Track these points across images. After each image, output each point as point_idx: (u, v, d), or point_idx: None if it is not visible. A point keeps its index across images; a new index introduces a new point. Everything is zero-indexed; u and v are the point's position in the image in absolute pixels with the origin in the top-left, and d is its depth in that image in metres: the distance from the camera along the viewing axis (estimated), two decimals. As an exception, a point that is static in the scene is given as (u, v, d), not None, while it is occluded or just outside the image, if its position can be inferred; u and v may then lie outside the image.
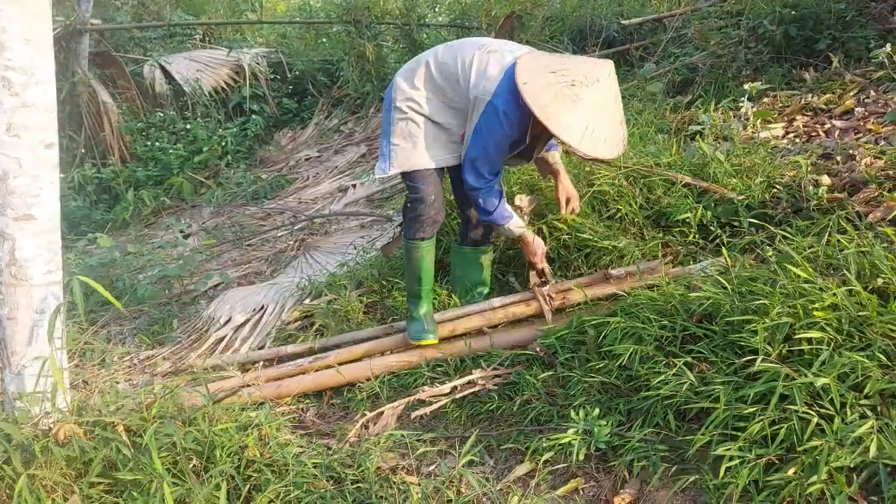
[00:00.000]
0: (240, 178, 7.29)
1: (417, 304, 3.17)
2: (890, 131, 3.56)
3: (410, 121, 3.01)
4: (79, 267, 4.75)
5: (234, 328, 3.91)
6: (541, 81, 2.70)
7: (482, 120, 2.84)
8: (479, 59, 2.89)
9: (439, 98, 3.01)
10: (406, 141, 3.02)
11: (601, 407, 2.46)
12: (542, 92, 2.67)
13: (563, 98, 2.66)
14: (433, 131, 3.03)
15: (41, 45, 2.40)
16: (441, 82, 2.98)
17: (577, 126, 2.66)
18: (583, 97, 2.67)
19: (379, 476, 2.41)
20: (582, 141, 2.68)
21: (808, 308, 2.17)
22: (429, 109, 3.01)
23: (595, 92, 2.70)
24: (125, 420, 2.36)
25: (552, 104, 2.65)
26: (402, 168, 3.04)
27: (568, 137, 2.66)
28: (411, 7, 7.82)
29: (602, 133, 2.72)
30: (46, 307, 2.48)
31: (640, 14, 6.44)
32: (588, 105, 2.68)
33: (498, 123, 2.81)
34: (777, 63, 4.79)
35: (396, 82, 3.08)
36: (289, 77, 8.84)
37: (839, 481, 1.84)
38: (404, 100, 3.02)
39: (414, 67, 3.06)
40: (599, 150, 2.73)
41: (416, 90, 3.01)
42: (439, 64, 2.99)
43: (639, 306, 2.66)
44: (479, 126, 2.85)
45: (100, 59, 8.09)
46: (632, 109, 4.76)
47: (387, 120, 3.12)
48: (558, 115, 2.65)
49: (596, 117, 2.71)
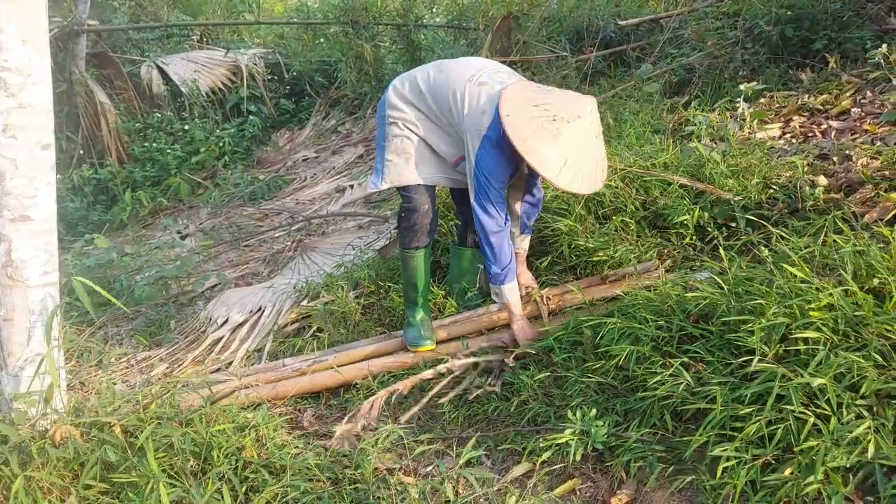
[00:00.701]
0: (237, 178, 7.28)
1: (414, 310, 3.19)
2: (886, 132, 3.56)
3: (406, 138, 3.04)
4: (76, 268, 4.74)
5: (232, 329, 3.91)
6: (524, 114, 2.72)
7: (479, 155, 2.85)
8: (471, 93, 2.89)
9: (433, 120, 3.03)
10: (399, 157, 3.05)
11: (598, 407, 2.46)
12: (523, 125, 2.69)
13: (544, 132, 2.69)
14: (426, 152, 3.07)
15: (38, 45, 2.40)
16: (434, 107, 3.00)
17: (555, 160, 2.68)
18: (563, 132, 2.70)
19: (376, 477, 2.41)
20: (559, 175, 2.69)
21: (805, 308, 2.17)
22: (423, 129, 3.04)
23: (576, 128, 2.72)
24: (122, 421, 2.36)
25: (532, 137, 2.68)
26: (395, 183, 3.06)
27: (545, 171, 2.68)
28: (409, 8, 7.82)
29: (580, 168, 2.74)
30: (43, 308, 2.48)
31: (637, 15, 6.45)
32: (568, 141, 2.70)
33: (495, 155, 2.83)
34: (773, 64, 4.80)
35: (390, 99, 3.09)
36: (286, 78, 8.84)
37: (835, 481, 1.85)
38: (399, 118, 3.04)
39: (406, 86, 3.07)
40: (576, 186, 2.75)
41: (409, 108, 3.04)
42: (431, 89, 3.00)
43: (636, 307, 2.66)
44: (478, 161, 2.85)
45: (97, 60, 8.09)
46: (629, 110, 4.77)
47: (381, 135, 3.13)
48: (537, 149, 2.67)
49: (575, 153, 2.73)
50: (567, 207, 3.47)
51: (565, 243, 3.33)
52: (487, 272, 3.05)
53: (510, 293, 3.02)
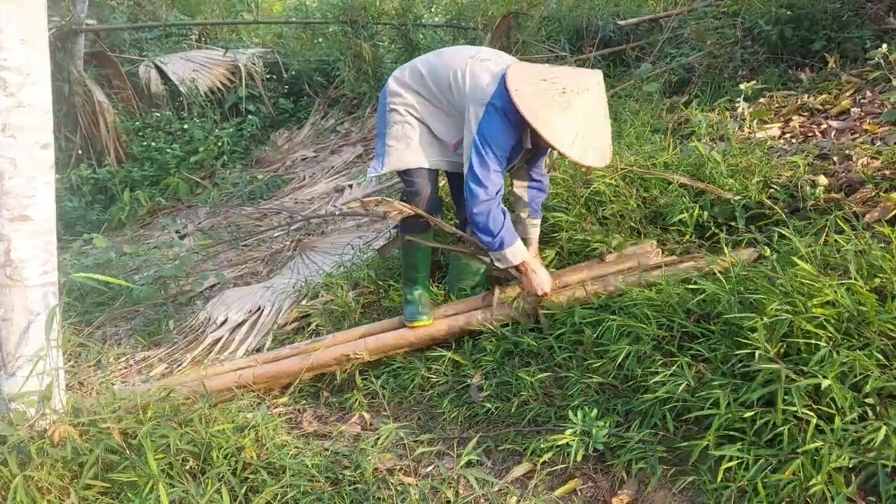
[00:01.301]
0: (236, 178, 7.27)
1: (412, 287, 3.20)
2: (886, 131, 3.56)
3: (406, 123, 3.03)
4: (74, 268, 4.73)
5: (231, 329, 3.90)
6: (532, 88, 2.70)
7: (483, 122, 2.79)
8: (473, 68, 2.89)
9: (433, 103, 3.02)
10: (400, 142, 3.03)
11: (599, 407, 2.45)
12: (532, 98, 2.68)
13: (554, 105, 2.67)
14: (427, 136, 3.05)
15: (38, 45, 2.39)
16: (434, 88, 2.99)
17: (567, 132, 2.66)
18: (573, 104, 2.68)
19: (376, 477, 2.41)
20: (572, 147, 2.67)
21: (807, 304, 2.16)
22: (423, 113, 3.03)
23: (585, 100, 2.71)
24: (121, 421, 2.35)
25: (543, 110, 2.66)
26: (395, 167, 3.04)
27: (558, 143, 2.66)
28: (408, 7, 7.81)
29: (591, 141, 2.72)
30: (42, 308, 2.47)
31: (636, 14, 6.45)
32: (578, 112, 2.69)
33: (500, 122, 2.78)
34: (773, 63, 4.80)
35: (390, 86, 3.09)
36: (285, 77, 8.82)
37: (838, 482, 1.84)
38: (399, 103, 3.04)
39: (406, 72, 3.08)
40: (589, 158, 2.73)
41: (409, 94, 3.03)
42: (431, 70, 2.99)
43: (637, 305, 2.66)
44: (480, 128, 2.80)
45: (95, 60, 8.08)
46: (628, 109, 4.77)
47: (382, 122, 3.13)
48: (549, 121, 2.65)
49: (586, 125, 2.71)
50: (567, 206, 3.46)
51: (564, 239, 3.31)
52: (485, 245, 2.95)
53: (513, 255, 2.92)
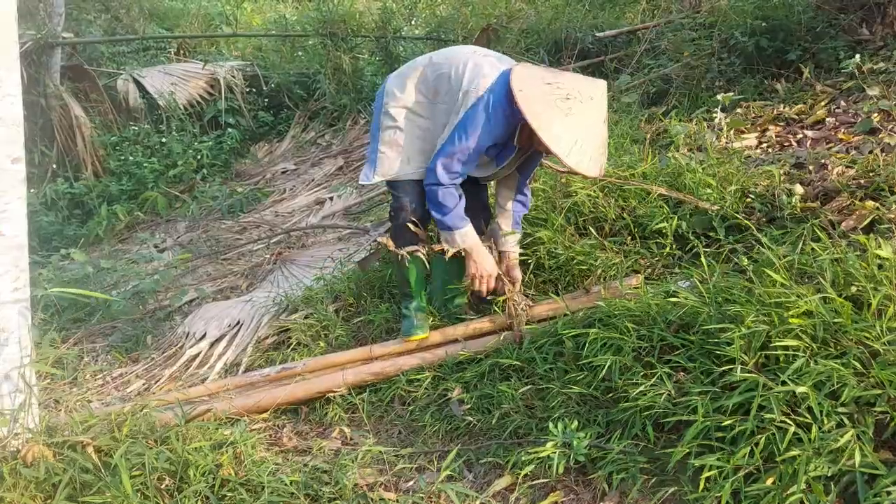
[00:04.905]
0: (215, 191, 7.21)
1: (408, 302, 3.20)
2: (860, 140, 3.60)
3: (398, 129, 3.01)
4: (52, 283, 4.66)
5: (210, 343, 3.85)
6: (536, 91, 2.70)
7: (469, 113, 2.79)
8: (475, 61, 2.89)
9: (429, 99, 3.00)
10: (391, 149, 3.02)
11: (580, 419, 2.44)
12: (535, 100, 2.67)
13: (556, 109, 2.67)
14: (418, 143, 3.02)
15: (7, 57, 2.36)
16: (433, 82, 2.97)
17: (566, 138, 2.66)
18: (575, 111, 2.69)
19: (356, 493, 2.38)
20: (570, 154, 2.67)
21: (784, 315, 2.17)
22: (417, 110, 3.01)
23: (587, 109, 2.72)
24: (96, 440, 2.31)
25: (545, 113, 2.66)
26: (386, 176, 3.04)
27: (557, 148, 2.66)
28: (387, 20, 7.83)
29: (589, 150, 2.72)
30: (14, 326, 2.42)
31: (614, 26, 6.52)
32: (579, 120, 2.70)
33: (485, 117, 2.77)
34: (749, 74, 4.85)
35: (387, 86, 3.08)
36: (265, 90, 8.79)
37: (817, 490, 1.84)
38: (394, 105, 3.02)
39: (407, 71, 3.06)
40: (584, 166, 2.72)
41: (406, 93, 3.01)
42: (434, 65, 3.00)
43: (617, 316, 2.66)
44: (464, 118, 2.80)
45: (72, 73, 7.99)
46: (607, 120, 4.79)
47: (376, 125, 3.12)
48: (550, 124, 2.65)
49: (585, 133, 2.71)
50: (545, 218, 3.46)
51: (544, 253, 3.31)
52: (436, 222, 2.98)
53: (462, 238, 2.95)
